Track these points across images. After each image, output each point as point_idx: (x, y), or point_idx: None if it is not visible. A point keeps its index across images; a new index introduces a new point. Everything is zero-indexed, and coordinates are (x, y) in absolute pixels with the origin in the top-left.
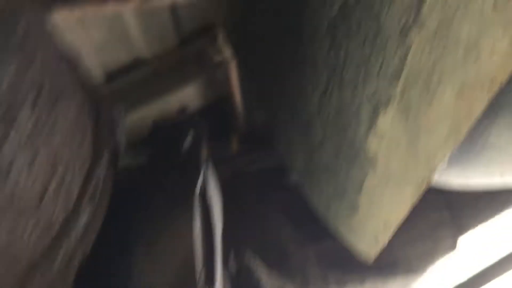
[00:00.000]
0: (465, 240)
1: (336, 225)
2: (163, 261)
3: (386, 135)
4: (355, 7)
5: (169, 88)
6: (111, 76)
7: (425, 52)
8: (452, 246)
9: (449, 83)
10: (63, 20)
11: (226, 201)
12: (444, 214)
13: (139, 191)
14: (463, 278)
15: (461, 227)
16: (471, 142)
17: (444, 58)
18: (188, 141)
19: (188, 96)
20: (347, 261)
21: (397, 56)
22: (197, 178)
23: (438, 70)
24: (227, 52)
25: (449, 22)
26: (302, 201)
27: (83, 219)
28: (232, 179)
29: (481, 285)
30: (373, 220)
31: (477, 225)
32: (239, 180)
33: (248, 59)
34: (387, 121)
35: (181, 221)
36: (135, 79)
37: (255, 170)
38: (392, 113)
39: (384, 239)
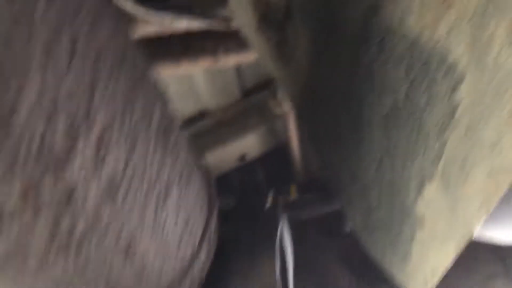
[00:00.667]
0: None
1: (390, 271)
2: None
3: (431, 201)
4: (402, 108)
5: (231, 137)
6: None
7: (458, 146)
8: None
9: (479, 168)
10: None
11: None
12: (497, 267)
13: (233, 233)
14: None
15: None
16: (508, 203)
17: (473, 151)
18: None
19: (248, 144)
20: None
21: (436, 145)
22: (278, 224)
23: (469, 159)
24: (286, 105)
25: (476, 124)
26: (358, 248)
27: (202, 256)
28: (291, 226)
29: None
30: (422, 268)
31: None
32: (299, 226)
33: (309, 123)
34: (431, 190)
35: (265, 258)
36: (201, 129)
37: (314, 217)
38: (436, 184)
39: (432, 283)
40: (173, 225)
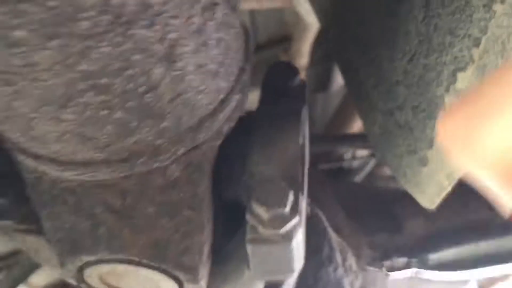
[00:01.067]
0: None
1: (406, 177)
2: (274, 157)
3: (462, 91)
4: None
5: None
6: None
7: (504, 22)
8: None
9: None
10: None
11: None
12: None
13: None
14: None
15: None
16: None
17: None
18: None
19: (254, 101)
20: (398, 253)
21: (479, 25)
22: (302, 107)
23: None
24: (298, 60)
25: None
26: (357, 197)
27: (233, 103)
28: None
29: None
30: (438, 173)
31: None
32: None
33: (338, 31)
34: (465, 80)
35: (290, 133)
36: None
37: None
38: (470, 72)
39: (446, 189)
40: (214, 46)
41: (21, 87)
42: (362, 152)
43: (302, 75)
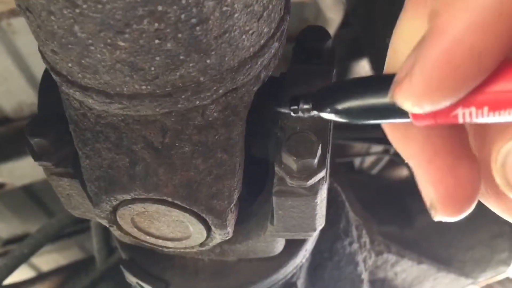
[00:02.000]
0: None
1: None
2: None
3: None
4: None
5: None
6: None
7: None
8: (507, 261)
9: None
10: None
11: None
12: (504, 228)
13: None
14: None
15: None
16: None
17: None
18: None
19: None
20: (408, 246)
21: None
22: (333, 69)
23: None
24: None
25: None
26: (371, 189)
27: (272, 50)
28: None
29: None
30: None
31: None
32: None
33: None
34: None
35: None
36: None
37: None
38: None
39: None
40: None
41: (85, 9)
42: (376, 148)
43: None
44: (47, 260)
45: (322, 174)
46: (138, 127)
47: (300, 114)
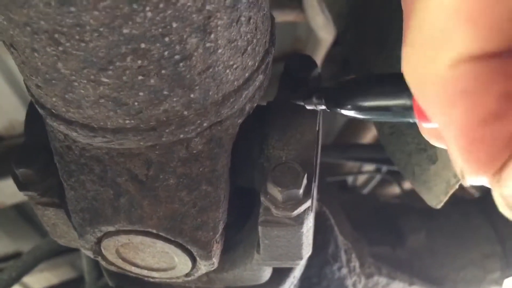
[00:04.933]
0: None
1: (414, 175)
2: (290, 142)
3: None
4: None
5: None
6: None
7: None
8: (499, 281)
9: None
10: None
11: None
12: (496, 248)
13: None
14: None
15: (510, 265)
16: None
17: None
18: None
19: None
20: (399, 267)
21: None
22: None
23: None
24: None
25: None
26: (362, 209)
27: (256, 83)
28: None
29: None
30: (446, 171)
31: None
32: None
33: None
34: None
35: (306, 120)
36: None
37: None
38: None
39: (453, 187)
40: (245, 24)
41: (68, 47)
42: (368, 167)
43: None
44: (39, 279)
45: (307, 204)
46: (123, 160)
47: (313, 107)
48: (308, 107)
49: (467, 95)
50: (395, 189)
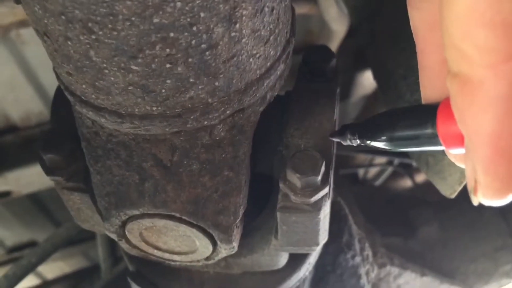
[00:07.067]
0: None
1: (428, 165)
2: (308, 131)
3: None
4: None
5: None
6: None
7: None
8: (511, 274)
9: None
10: None
11: None
12: (508, 240)
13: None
14: None
15: None
16: None
17: None
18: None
19: None
20: (411, 258)
21: None
22: (337, 87)
23: None
24: None
25: None
26: (374, 201)
27: (277, 72)
28: None
29: None
30: None
31: None
32: None
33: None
34: None
35: (324, 109)
36: None
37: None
38: None
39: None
40: (268, 14)
41: (100, 36)
42: (380, 159)
43: None
44: (52, 268)
45: (325, 191)
46: (148, 146)
47: (349, 142)
48: (344, 144)
49: (501, 101)
50: (406, 182)
